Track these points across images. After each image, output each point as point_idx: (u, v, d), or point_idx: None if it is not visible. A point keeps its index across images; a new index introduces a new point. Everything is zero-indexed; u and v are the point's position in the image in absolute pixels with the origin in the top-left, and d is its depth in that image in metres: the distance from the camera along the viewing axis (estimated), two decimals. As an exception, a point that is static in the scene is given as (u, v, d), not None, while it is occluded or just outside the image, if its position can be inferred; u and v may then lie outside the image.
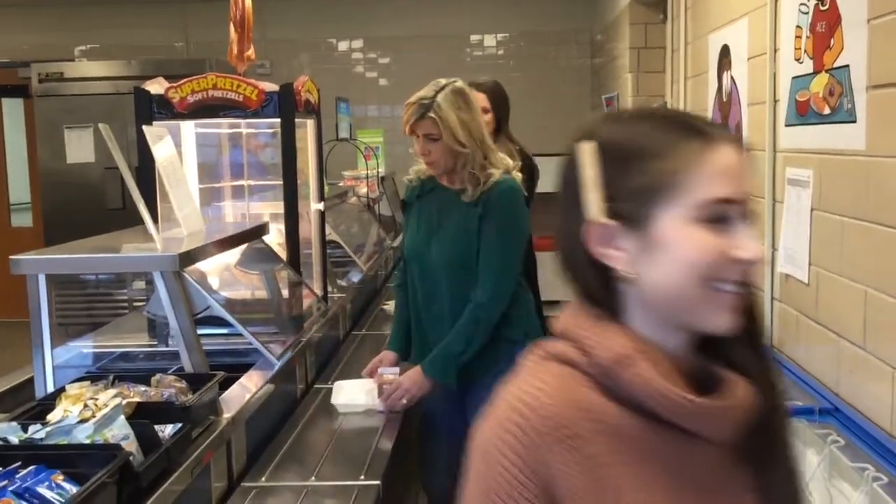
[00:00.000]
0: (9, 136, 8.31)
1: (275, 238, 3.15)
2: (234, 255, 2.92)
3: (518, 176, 2.69)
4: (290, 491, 2.15)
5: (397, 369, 2.75)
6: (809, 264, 2.51)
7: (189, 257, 2.30)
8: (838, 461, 2.05)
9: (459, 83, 2.63)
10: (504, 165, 2.65)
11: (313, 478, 2.22)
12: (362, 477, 2.21)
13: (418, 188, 2.77)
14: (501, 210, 2.59)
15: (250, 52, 3.21)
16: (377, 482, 2.17)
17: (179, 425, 1.85)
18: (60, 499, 1.49)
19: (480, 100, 3.47)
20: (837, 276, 2.32)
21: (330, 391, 2.81)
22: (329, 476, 2.24)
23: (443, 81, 2.61)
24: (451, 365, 2.60)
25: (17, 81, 7.71)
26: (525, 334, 2.66)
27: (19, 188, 8.36)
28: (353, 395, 2.75)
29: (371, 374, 2.79)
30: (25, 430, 1.72)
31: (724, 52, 3.40)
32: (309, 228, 3.35)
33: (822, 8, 2.38)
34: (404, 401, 2.65)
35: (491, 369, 2.58)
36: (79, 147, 6.48)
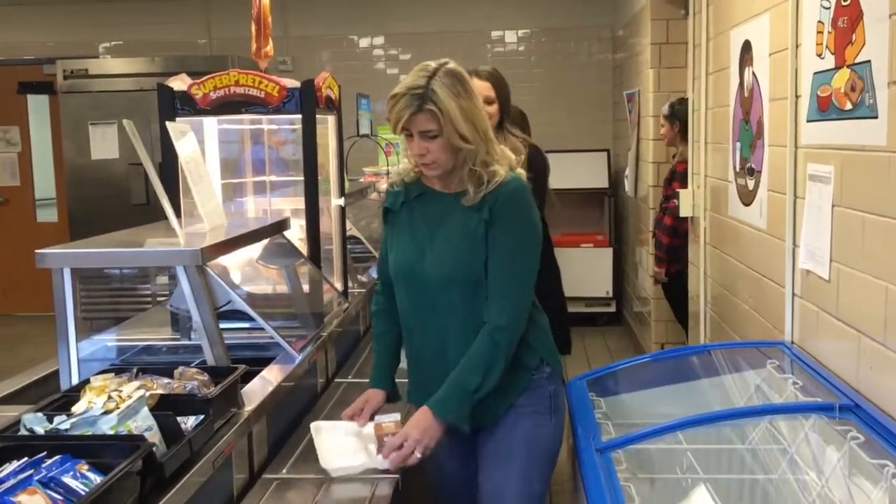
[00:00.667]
0: (34, 133, 8.41)
1: (296, 233, 3.17)
2: (256, 249, 2.94)
3: (522, 173, 2.30)
4: (311, 483, 2.17)
5: (398, 416, 2.25)
6: (830, 260, 2.50)
7: (211, 252, 2.32)
8: (858, 458, 2.04)
9: (452, 64, 2.18)
10: (507, 160, 2.26)
11: (333, 470, 2.23)
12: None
13: (402, 194, 2.33)
14: (513, 215, 2.20)
15: (268, 49, 3.23)
16: (396, 475, 2.19)
17: (202, 417, 1.88)
18: (85, 488, 1.51)
19: (484, 89, 3.32)
20: (858, 272, 2.31)
21: (344, 388, 2.76)
22: (349, 469, 2.25)
23: (432, 64, 2.15)
24: (466, 403, 2.17)
25: (43, 78, 7.82)
26: (541, 360, 2.29)
27: (45, 184, 8.46)
28: (345, 452, 2.23)
29: (353, 418, 2.31)
30: (51, 421, 1.74)
31: (746, 47, 3.38)
32: (330, 224, 3.37)
33: (843, 3, 2.36)
34: (417, 454, 2.16)
35: (505, 403, 2.26)
36: (103, 143, 6.55)
